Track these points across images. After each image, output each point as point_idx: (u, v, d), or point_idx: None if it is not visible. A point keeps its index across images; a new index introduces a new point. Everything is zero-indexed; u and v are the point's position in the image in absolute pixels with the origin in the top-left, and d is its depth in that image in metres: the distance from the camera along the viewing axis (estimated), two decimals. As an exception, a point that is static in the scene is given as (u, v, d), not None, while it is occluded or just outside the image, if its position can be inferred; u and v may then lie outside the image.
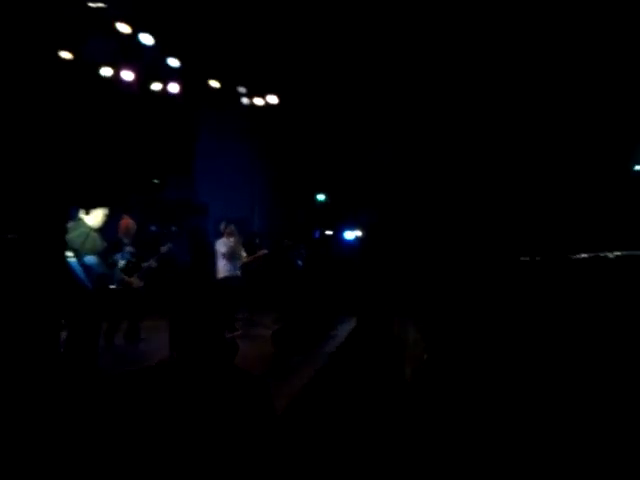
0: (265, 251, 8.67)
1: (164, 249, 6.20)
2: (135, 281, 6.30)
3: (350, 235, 14.31)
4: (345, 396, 4.54)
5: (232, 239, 7.79)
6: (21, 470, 2.90)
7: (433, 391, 4.86)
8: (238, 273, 7.88)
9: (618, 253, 16.35)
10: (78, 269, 4.95)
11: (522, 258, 16.64)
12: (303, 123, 12.55)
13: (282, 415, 3.64)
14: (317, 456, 3.16)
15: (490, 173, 15.02)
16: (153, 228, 6.27)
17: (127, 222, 6.44)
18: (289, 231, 10.31)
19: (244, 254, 8.20)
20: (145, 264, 6.35)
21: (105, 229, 5.45)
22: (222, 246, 7.72)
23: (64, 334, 4.81)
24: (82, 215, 5.16)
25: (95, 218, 5.16)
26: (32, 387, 3.82)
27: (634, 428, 3.80)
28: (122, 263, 5.75)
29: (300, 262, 9.15)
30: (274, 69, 10.32)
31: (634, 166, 16.12)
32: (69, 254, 4.83)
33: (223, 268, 7.70)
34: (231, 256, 7.72)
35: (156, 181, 6.76)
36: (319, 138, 13.24)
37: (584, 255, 18.80)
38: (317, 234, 13.79)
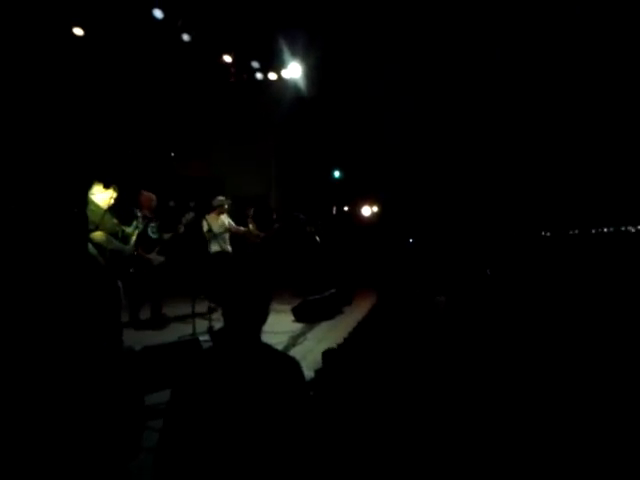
0: (276, 225, 8.52)
1: (188, 217, 6.17)
2: (155, 258, 6.31)
3: (367, 211, 14.24)
4: (368, 367, 4.53)
5: (221, 216, 7.59)
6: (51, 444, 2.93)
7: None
8: (228, 249, 7.64)
9: (640, 227, 16.08)
10: (89, 247, 4.96)
11: (544, 233, 16.47)
12: (319, 99, 12.41)
13: (308, 387, 3.64)
14: (344, 427, 3.16)
15: (511, 148, 14.82)
16: (172, 203, 6.23)
17: (148, 196, 6.34)
18: (306, 207, 10.26)
19: (242, 228, 8.01)
20: (167, 235, 6.33)
21: (118, 206, 5.44)
22: (204, 224, 7.32)
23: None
24: (91, 195, 5.14)
25: (104, 200, 5.14)
26: (56, 365, 3.86)
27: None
28: (135, 231, 5.71)
29: (318, 238, 9.11)
30: (288, 43, 10.17)
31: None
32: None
33: (214, 244, 7.45)
34: (214, 234, 7.31)
35: (172, 154, 6.71)
36: (334, 113, 13.11)
37: (605, 229, 18.55)
38: (334, 211, 13.72)
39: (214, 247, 7.47)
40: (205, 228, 7.33)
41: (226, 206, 7.70)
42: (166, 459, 1.77)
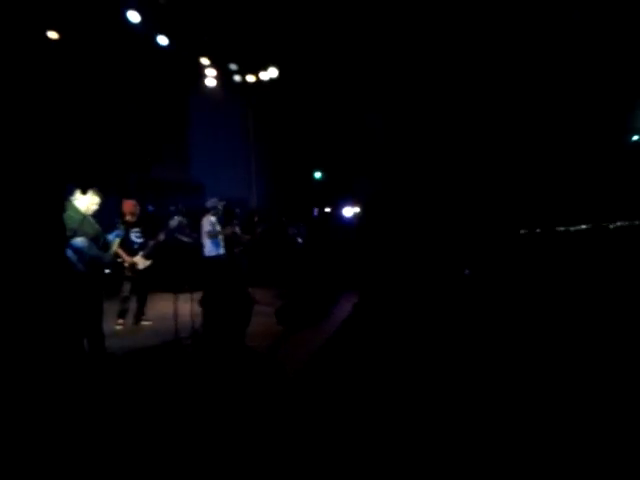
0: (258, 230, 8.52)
1: (173, 223, 6.18)
2: (140, 261, 6.30)
3: (349, 212, 14.25)
4: (350, 368, 4.54)
5: (214, 218, 7.63)
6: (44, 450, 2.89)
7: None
8: (221, 252, 7.72)
9: (618, 224, 16.38)
10: (69, 252, 4.90)
11: (522, 231, 16.68)
12: (297, 99, 12.41)
13: (290, 389, 3.63)
14: (325, 426, 3.16)
15: (488, 142, 14.96)
16: (150, 208, 6.21)
17: (130, 203, 6.46)
18: (287, 209, 10.25)
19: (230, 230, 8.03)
20: (152, 241, 6.33)
21: (99, 214, 5.41)
22: (206, 225, 7.56)
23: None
24: (73, 200, 5.09)
25: (85, 205, 5.09)
26: (39, 372, 3.79)
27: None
28: (115, 240, 5.73)
29: (300, 239, 9.10)
30: (266, 45, 10.16)
31: (631, 137, 16.09)
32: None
33: (209, 247, 7.56)
34: (213, 234, 7.55)
35: (149, 159, 6.69)
36: (313, 115, 13.12)
37: (584, 226, 18.83)
38: (315, 212, 13.73)
39: (210, 250, 7.51)
40: (206, 228, 7.45)
41: (220, 207, 7.71)
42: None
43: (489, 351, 5.24)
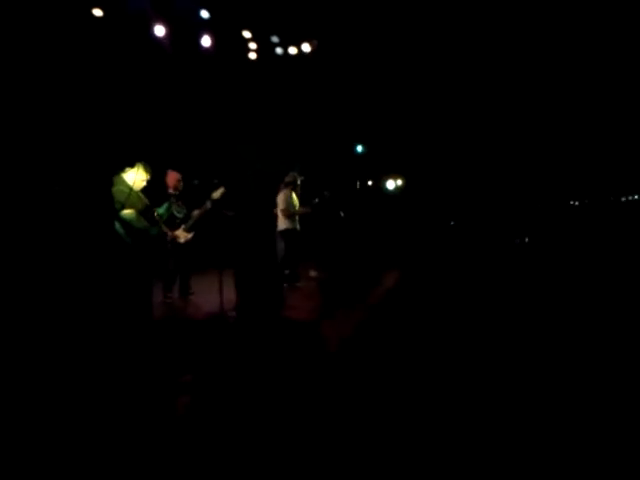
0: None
1: (215, 195, 6.18)
2: (182, 235, 6.37)
3: (391, 185, 14.10)
4: (393, 340, 4.54)
5: (291, 192, 7.51)
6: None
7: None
8: (297, 227, 7.61)
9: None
10: (117, 225, 5.03)
11: (572, 202, 16.19)
12: (339, 73, 12.22)
13: (334, 361, 3.67)
14: (370, 398, 3.18)
15: (544, 120, 14.48)
16: (196, 182, 6.26)
17: (174, 175, 6.51)
18: (329, 183, 10.19)
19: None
20: (195, 212, 6.37)
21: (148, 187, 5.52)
22: (281, 201, 7.48)
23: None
24: (122, 174, 5.20)
25: (133, 179, 5.19)
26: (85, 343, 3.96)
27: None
28: (163, 213, 5.84)
29: (342, 213, 9.06)
30: (307, 16, 9.99)
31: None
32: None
33: (282, 221, 7.50)
34: (287, 212, 7.42)
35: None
36: (353, 88, 12.91)
37: (635, 196, 18.05)
38: (358, 186, 13.60)
39: (286, 224, 7.42)
40: (282, 206, 7.38)
41: (299, 182, 7.63)
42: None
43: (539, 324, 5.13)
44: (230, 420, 2.68)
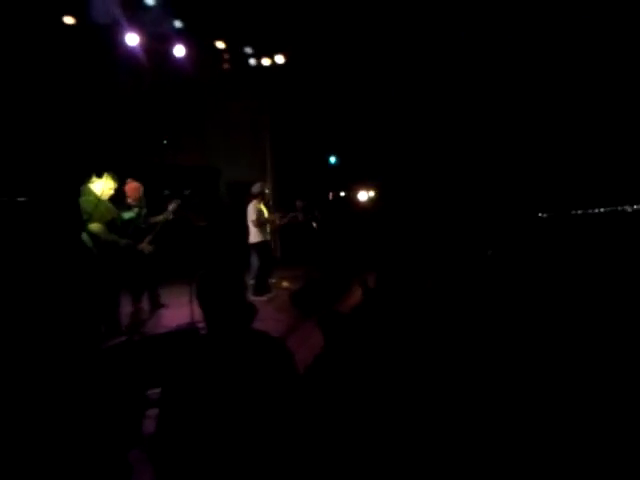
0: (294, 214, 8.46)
1: (172, 206, 6.01)
2: (146, 247, 6.08)
3: (363, 196, 14.22)
4: (366, 352, 4.55)
5: (260, 204, 7.46)
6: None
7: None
8: (268, 238, 7.61)
9: (637, 207, 16.09)
10: (84, 236, 4.97)
11: (540, 215, 16.52)
12: (312, 83, 12.31)
13: (304, 374, 3.67)
14: (339, 413, 3.19)
15: (510, 127, 14.76)
16: (167, 192, 6.16)
17: (132, 185, 6.11)
18: (301, 193, 10.23)
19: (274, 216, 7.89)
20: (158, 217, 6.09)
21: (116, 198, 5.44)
22: (251, 212, 7.41)
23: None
24: (89, 184, 5.14)
25: (101, 189, 5.14)
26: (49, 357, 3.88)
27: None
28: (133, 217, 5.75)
29: (314, 224, 9.09)
30: (280, 28, 10.07)
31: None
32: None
33: (254, 233, 7.44)
34: (259, 223, 7.38)
35: (165, 142, 6.60)
36: (327, 99, 13.03)
37: (602, 209, 18.54)
38: (330, 197, 13.69)
39: (257, 237, 7.40)
40: (253, 217, 7.32)
41: (267, 191, 7.63)
42: (163, 447, 1.80)
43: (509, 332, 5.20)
44: (197, 433, 2.65)
